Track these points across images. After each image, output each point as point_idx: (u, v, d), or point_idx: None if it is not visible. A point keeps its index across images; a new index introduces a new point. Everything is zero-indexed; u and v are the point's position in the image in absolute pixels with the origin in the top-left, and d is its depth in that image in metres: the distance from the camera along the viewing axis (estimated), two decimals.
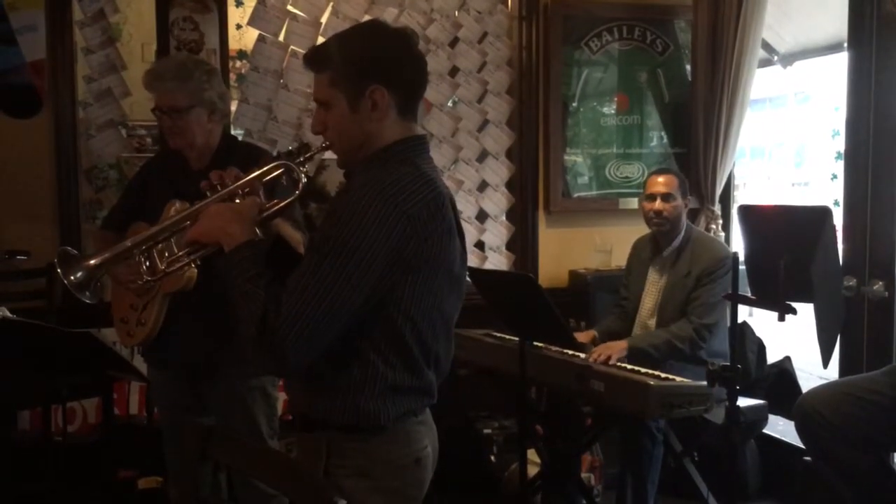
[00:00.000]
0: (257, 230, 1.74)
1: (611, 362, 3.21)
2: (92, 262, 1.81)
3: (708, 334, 3.40)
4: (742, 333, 3.75)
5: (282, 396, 3.37)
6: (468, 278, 2.33)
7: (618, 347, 3.34)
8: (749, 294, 2.74)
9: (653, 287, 3.64)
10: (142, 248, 1.84)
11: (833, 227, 2.56)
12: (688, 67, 4.48)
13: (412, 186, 1.65)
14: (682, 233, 3.58)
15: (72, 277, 1.78)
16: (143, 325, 2.52)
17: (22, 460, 3.41)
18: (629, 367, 3.14)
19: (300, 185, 1.80)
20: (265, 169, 1.81)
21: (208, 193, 1.80)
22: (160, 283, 2.11)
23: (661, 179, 3.57)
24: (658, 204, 3.53)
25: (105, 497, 3.53)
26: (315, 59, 1.76)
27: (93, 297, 1.81)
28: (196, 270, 2.25)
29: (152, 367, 2.76)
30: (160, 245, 1.86)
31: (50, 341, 2.57)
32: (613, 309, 3.87)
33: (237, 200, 1.78)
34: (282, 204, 1.80)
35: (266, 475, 1.67)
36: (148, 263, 1.85)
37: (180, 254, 1.82)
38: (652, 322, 3.60)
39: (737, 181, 4.94)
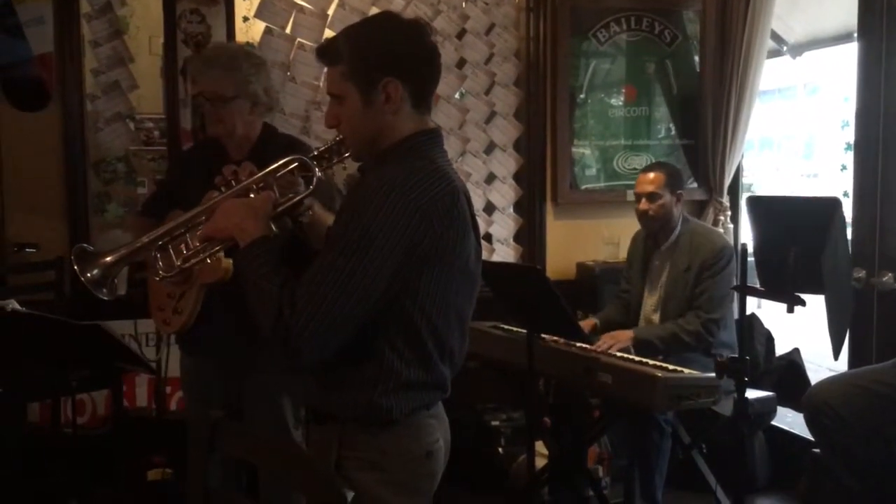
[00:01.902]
0: (272, 225, 1.73)
1: (612, 350, 3.21)
2: (108, 259, 1.80)
3: (716, 328, 3.38)
4: (750, 325, 3.74)
5: None
6: None
7: (624, 337, 3.33)
8: (758, 285, 2.73)
9: (654, 282, 3.63)
10: (158, 243, 1.83)
11: (842, 219, 2.55)
12: (696, 58, 4.46)
13: (427, 181, 1.64)
14: (679, 226, 3.56)
15: (88, 275, 1.78)
16: (179, 314, 2.53)
17: (32, 452, 3.42)
18: (637, 358, 3.13)
19: (314, 179, 1.79)
20: (279, 164, 1.80)
21: (223, 189, 1.80)
22: (197, 274, 2.11)
23: (646, 178, 3.53)
24: (643, 204, 3.52)
25: (114, 488, 3.55)
26: (327, 52, 1.75)
27: (109, 294, 1.81)
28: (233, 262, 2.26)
29: (186, 355, 2.78)
30: (176, 241, 1.86)
31: (59, 333, 2.58)
32: (614, 300, 3.86)
33: (252, 195, 1.78)
34: (296, 198, 1.79)
35: (275, 466, 1.67)
36: (163, 259, 1.85)
37: (196, 249, 1.82)
38: (656, 317, 3.58)
39: (745, 173, 4.92)
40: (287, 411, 2.67)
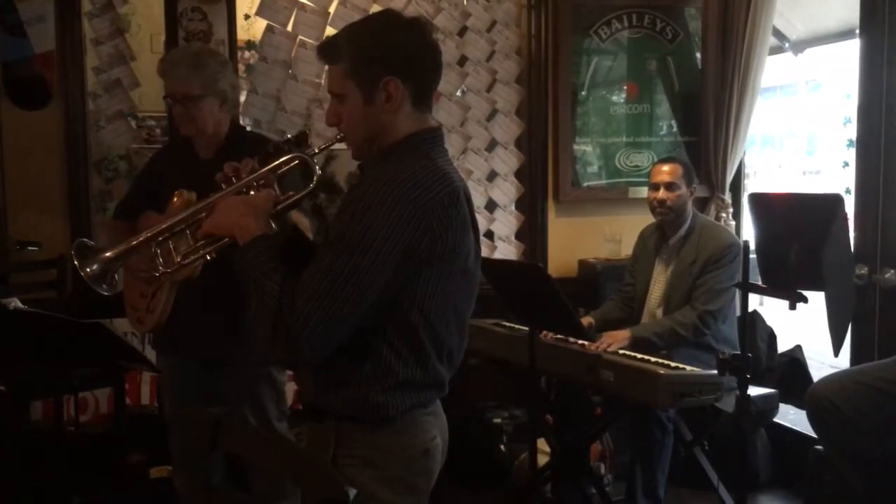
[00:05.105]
0: (272, 223, 1.73)
1: (610, 349, 3.21)
2: (108, 254, 1.80)
3: (712, 320, 3.38)
4: (752, 322, 3.73)
5: (292, 385, 3.39)
6: None
7: (621, 337, 3.33)
8: (760, 282, 2.72)
9: (660, 277, 3.62)
10: (157, 239, 1.84)
11: (844, 215, 2.54)
12: (698, 55, 4.45)
13: (427, 181, 1.64)
14: (689, 221, 3.57)
15: (88, 270, 1.78)
16: (152, 312, 2.54)
17: (34, 451, 3.43)
18: (639, 356, 3.13)
19: (315, 177, 1.79)
20: (280, 161, 1.80)
21: (223, 186, 1.80)
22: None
23: (665, 168, 3.55)
24: (661, 193, 3.52)
25: (117, 486, 3.55)
26: (328, 50, 1.74)
27: (109, 290, 1.81)
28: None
29: (161, 354, 2.79)
30: (177, 237, 1.85)
31: (61, 332, 2.58)
32: (614, 295, 3.85)
33: (252, 192, 1.78)
34: (297, 196, 1.79)
35: (274, 463, 1.67)
36: (163, 255, 1.84)
37: (196, 246, 1.82)
38: (660, 312, 3.58)
39: (747, 170, 4.91)
40: (269, 404, 2.68)
